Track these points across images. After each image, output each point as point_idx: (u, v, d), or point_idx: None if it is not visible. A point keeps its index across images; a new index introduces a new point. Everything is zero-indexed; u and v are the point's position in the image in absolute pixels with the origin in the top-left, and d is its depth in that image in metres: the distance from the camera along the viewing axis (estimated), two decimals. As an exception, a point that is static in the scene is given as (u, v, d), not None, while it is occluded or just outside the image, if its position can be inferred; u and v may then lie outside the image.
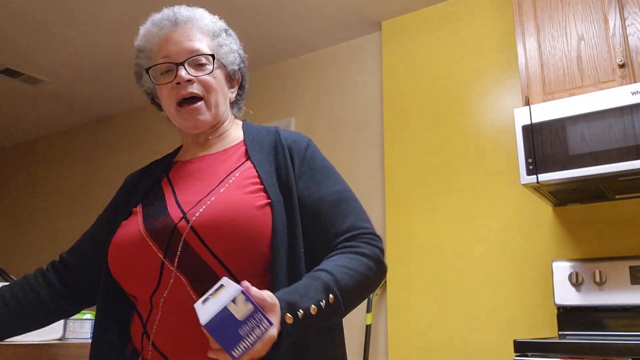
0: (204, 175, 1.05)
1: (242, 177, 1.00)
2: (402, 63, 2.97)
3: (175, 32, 1.08)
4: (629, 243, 2.17)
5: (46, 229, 4.72)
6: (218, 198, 0.96)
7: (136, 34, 1.15)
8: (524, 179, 1.99)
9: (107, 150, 4.51)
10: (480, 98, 2.68)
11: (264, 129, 1.12)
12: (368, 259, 0.95)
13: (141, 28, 1.14)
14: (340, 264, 0.91)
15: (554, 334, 2.22)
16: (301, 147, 1.06)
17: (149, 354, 0.96)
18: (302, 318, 0.80)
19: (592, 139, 1.90)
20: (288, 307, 0.80)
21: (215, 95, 1.08)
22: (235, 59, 1.15)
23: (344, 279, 0.89)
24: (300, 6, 2.98)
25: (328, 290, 0.86)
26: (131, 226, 1.01)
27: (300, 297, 0.82)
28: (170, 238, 0.94)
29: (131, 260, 0.98)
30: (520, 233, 2.41)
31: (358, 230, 0.98)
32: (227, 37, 1.14)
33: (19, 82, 3.93)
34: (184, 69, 1.05)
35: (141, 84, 1.17)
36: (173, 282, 0.93)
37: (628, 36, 2.02)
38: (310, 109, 3.33)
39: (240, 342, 0.69)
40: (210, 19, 1.13)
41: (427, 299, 2.56)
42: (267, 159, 1.03)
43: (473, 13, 2.80)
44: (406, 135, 2.85)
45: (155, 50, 1.09)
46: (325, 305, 0.84)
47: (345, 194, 1.03)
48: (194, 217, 0.93)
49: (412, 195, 2.73)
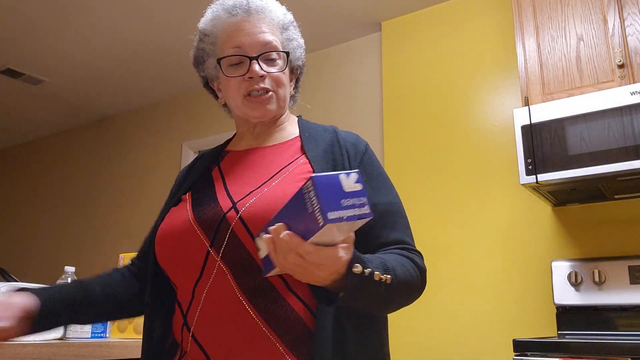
0: (257, 166, 1.03)
1: (296, 171, 0.98)
2: (402, 63, 2.98)
3: (247, 22, 1.04)
4: (628, 243, 2.17)
5: (46, 229, 4.72)
6: (269, 190, 0.93)
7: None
8: (523, 179, 1.99)
9: (108, 150, 4.51)
10: (479, 98, 2.68)
11: (321, 127, 1.10)
12: (418, 268, 0.93)
13: (208, 11, 1.10)
14: (397, 259, 0.89)
15: (553, 334, 2.22)
16: (359, 150, 1.04)
17: (188, 345, 0.94)
18: (367, 276, 0.78)
19: (592, 139, 1.90)
20: (358, 258, 0.77)
21: (284, 90, 1.07)
22: (302, 54, 1.13)
23: (400, 270, 0.87)
24: (300, 7, 2.98)
25: (388, 270, 0.83)
26: (180, 213, 1.00)
27: (369, 261, 0.80)
28: (218, 227, 0.92)
29: (177, 247, 0.96)
30: (520, 233, 2.42)
31: (404, 245, 0.97)
32: (295, 31, 1.12)
33: (20, 82, 3.94)
34: (258, 64, 1.02)
35: (202, 68, 1.13)
36: (216, 272, 0.91)
37: (627, 37, 2.02)
38: (310, 109, 3.33)
39: (337, 209, 0.67)
40: (281, 10, 1.10)
41: (427, 298, 2.56)
42: (323, 157, 1.01)
43: (473, 13, 2.81)
44: (406, 135, 2.85)
45: (224, 37, 1.06)
46: (384, 280, 0.81)
47: (396, 206, 1.02)
48: (243, 208, 0.91)
49: (412, 195, 2.73)
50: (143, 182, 4.16)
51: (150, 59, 3.61)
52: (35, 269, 4.59)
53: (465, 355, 2.42)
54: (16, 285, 1.24)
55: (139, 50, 3.49)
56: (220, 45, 1.06)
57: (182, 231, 0.96)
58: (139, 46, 3.44)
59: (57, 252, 4.51)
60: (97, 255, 4.18)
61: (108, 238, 4.20)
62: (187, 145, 3.97)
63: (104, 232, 4.26)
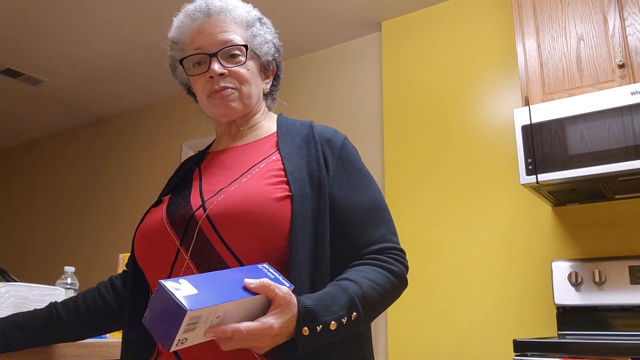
0: (231, 165, 1.04)
1: (267, 168, 0.98)
2: (402, 63, 2.98)
3: (207, 23, 1.06)
4: (628, 243, 2.17)
5: (46, 229, 4.72)
6: (237, 188, 0.93)
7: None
8: (524, 179, 1.99)
9: (107, 150, 4.51)
10: (480, 98, 2.68)
11: (298, 123, 1.09)
12: (395, 277, 0.93)
13: (174, 20, 1.13)
14: (370, 277, 0.89)
15: (553, 334, 2.22)
16: (336, 146, 1.02)
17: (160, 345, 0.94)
18: (319, 332, 0.79)
19: (592, 139, 1.90)
20: (308, 318, 0.78)
21: (248, 87, 1.06)
22: (270, 49, 1.12)
23: (371, 294, 0.87)
24: (300, 7, 2.98)
25: (353, 307, 0.84)
26: (157, 213, 1.01)
27: (325, 308, 0.80)
28: (187, 226, 0.92)
29: (151, 247, 0.98)
30: (520, 233, 2.41)
31: (387, 244, 0.96)
32: (261, 27, 1.12)
33: (19, 82, 3.93)
34: (217, 62, 1.03)
35: (176, 75, 1.16)
36: (184, 270, 0.92)
37: (627, 36, 2.02)
38: (310, 109, 3.33)
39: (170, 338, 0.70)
40: (243, 8, 1.11)
41: (426, 298, 2.56)
42: (297, 153, 1.00)
43: (473, 13, 2.80)
44: (406, 135, 2.85)
45: (188, 42, 1.08)
46: (346, 322, 0.82)
47: (378, 202, 1.00)
48: (211, 206, 0.92)
49: (412, 195, 2.73)
50: (143, 182, 4.15)
51: (150, 59, 3.61)
52: (35, 269, 4.59)
53: (465, 355, 2.41)
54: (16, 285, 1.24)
55: (139, 50, 3.49)
56: (186, 50, 1.09)
57: (156, 230, 0.97)
58: (138, 46, 3.43)
59: (57, 252, 4.51)
60: (96, 255, 4.17)
61: (107, 238, 4.19)
62: (186, 145, 3.97)
63: (103, 232, 4.26)
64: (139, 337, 1.00)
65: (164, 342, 0.69)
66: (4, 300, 1.30)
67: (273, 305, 0.77)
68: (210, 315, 0.71)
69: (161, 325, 0.69)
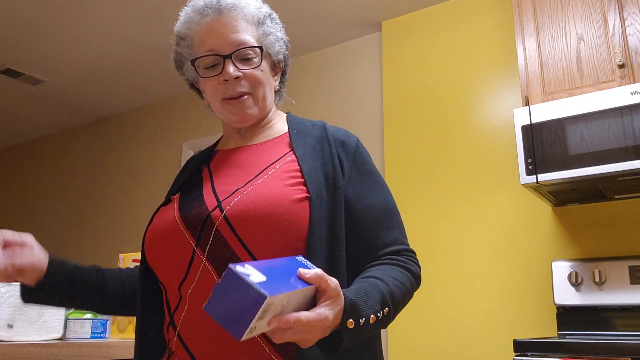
0: (244, 165, 1.01)
1: (283, 169, 0.96)
2: (402, 63, 2.98)
3: (218, 22, 1.02)
4: (628, 243, 2.17)
5: (46, 228, 4.72)
6: (255, 189, 0.92)
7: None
8: (524, 179, 1.99)
9: (107, 150, 4.51)
10: (480, 98, 2.68)
11: (309, 123, 1.08)
12: (413, 276, 0.94)
13: (180, 13, 1.08)
14: (393, 275, 0.90)
15: (553, 334, 2.22)
16: (350, 148, 1.02)
17: (173, 345, 0.94)
18: (362, 325, 0.78)
19: (592, 139, 1.90)
20: (353, 310, 0.77)
21: (263, 89, 1.04)
22: (281, 47, 1.11)
23: (396, 292, 0.87)
24: (300, 7, 2.99)
25: (384, 302, 0.84)
26: (167, 213, 0.99)
27: (364, 303, 0.79)
28: (203, 226, 0.91)
29: (164, 248, 0.96)
30: (520, 233, 2.41)
31: (401, 246, 0.97)
32: (272, 24, 1.09)
33: (19, 82, 3.93)
34: (232, 64, 1.00)
35: (182, 72, 1.12)
36: (201, 272, 0.91)
37: (627, 36, 2.02)
38: (310, 109, 3.33)
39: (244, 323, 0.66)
40: (254, 4, 1.07)
41: (426, 298, 2.56)
42: (312, 154, 0.99)
43: (473, 13, 2.81)
44: (406, 135, 2.85)
45: (198, 40, 1.04)
46: (381, 317, 0.82)
47: (391, 204, 1.01)
48: (228, 207, 0.90)
49: (412, 195, 2.73)
50: (143, 182, 4.15)
51: (150, 59, 3.61)
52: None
53: (465, 355, 2.41)
54: (16, 285, 1.24)
55: (139, 50, 3.49)
56: (195, 47, 1.05)
57: (169, 231, 0.96)
58: (138, 46, 3.43)
59: (57, 252, 4.49)
60: (97, 255, 4.17)
61: (108, 238, 4.19)
62: (186, 145, 3.97)
63: (103, 232, 4.26)
64: (151, 337, 0.99)
65: (236, 330, 0.65)
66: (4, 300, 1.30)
67: (325, 297, 0.74)
68: (278, 304, 0.68)
69: (232, 312, 0.66)
